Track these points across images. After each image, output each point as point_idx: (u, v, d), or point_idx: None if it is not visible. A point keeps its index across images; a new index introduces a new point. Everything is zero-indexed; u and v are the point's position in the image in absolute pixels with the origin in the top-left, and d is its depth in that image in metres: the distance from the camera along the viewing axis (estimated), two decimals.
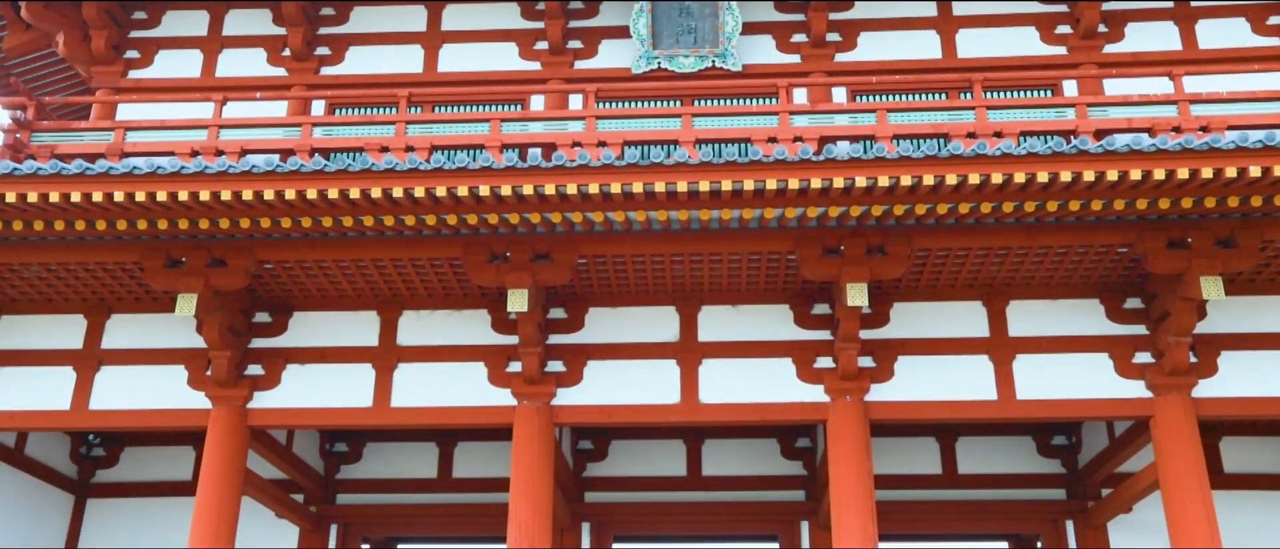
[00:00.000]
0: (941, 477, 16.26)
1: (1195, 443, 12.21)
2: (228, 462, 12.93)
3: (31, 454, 15.57)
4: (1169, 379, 12.49)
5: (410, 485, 16.76)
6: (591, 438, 16.84)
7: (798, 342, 13.17)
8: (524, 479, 12.52)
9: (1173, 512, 12.06)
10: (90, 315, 13.88)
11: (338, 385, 13.32)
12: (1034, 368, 12.86)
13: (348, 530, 16.43)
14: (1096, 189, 10.86)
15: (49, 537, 16.00)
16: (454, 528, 17.01)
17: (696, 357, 13.16)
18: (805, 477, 16.44)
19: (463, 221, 11.57)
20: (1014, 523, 16.47)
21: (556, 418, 12.99)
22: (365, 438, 17.05)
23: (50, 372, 13.61)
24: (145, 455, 16.90)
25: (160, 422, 13.46)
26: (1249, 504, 15.15)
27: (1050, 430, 16.28)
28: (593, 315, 13.51)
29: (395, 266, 12.72)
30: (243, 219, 11.54)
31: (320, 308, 13.68)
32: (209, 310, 12.53)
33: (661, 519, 16.57)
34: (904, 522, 15.86)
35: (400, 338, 13.53)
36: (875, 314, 13.13)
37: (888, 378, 12.90)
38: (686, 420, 13.14)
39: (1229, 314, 12.87)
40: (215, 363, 13.10)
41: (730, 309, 13.42)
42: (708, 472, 16.64)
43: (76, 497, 16.59)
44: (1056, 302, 13.16)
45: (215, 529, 12.58)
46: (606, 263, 12.65)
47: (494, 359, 13.25)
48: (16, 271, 13.02)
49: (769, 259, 12.58)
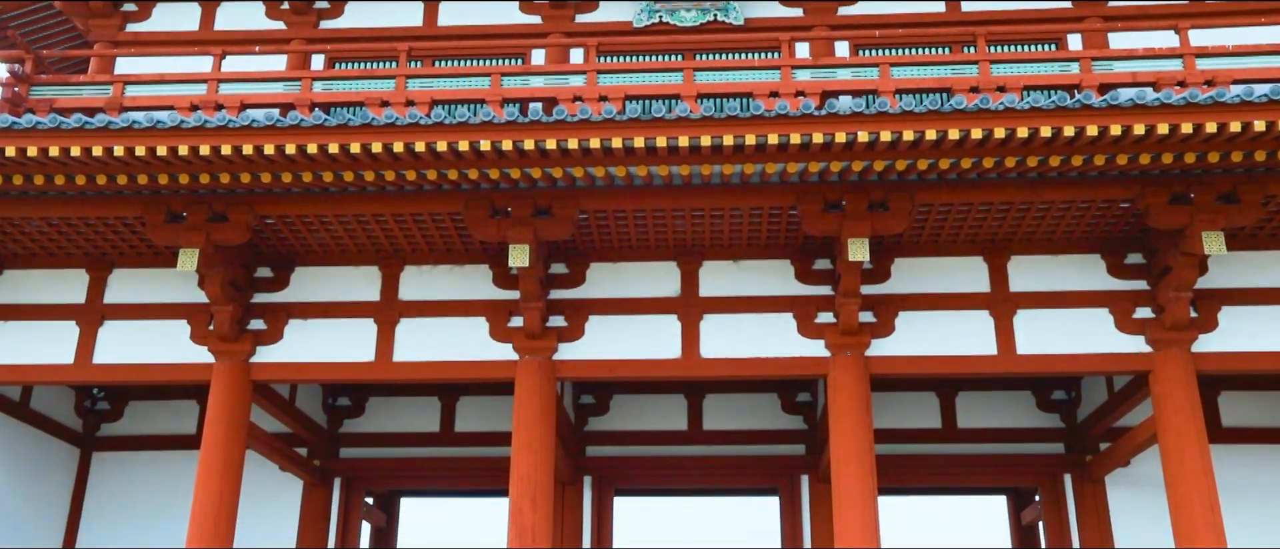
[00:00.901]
0: (941, 431, 16.36)
1: (1194, 398, 12.26)
2: (231, 416, 13.01)
3: (37, 408, 15.68)
4: (1169, 334, 12.52)
5: (413, 439, 16.87)
6: (593, 392, 16.92)
7: (799, 297, 13.19)
8: (526, 433, 12.60)
9: (1170, 465, 12.14)
10: (93, 270, 13.90)
11: (340, 340, 13.36)
12: (1034, 323, 12.89)
13: (351, 484, 16.57)
14: (1100, 144, 10.82)
15: (55, 490, 16.15)
16: (457, 481, 17.17)
17: (697, 311, 13.19)
18: (805, 431, 16.54)
19: (463, 177, 11.54)
20: (1012, 477, 16.60)
21: (558, 372, 13.05)
22: (368, 392, 17.15)
23: (53, 326, 13.66)
24: (149, 409, 17.01)
25: (163, 376, 13.52)
26: (1247, 458, 15.25)
27: (1050, 385, 16.35)
28: (594, 270, 13.52)
29: (396, 222, 12.71)
30: (243, 174, 11.51)
31: (322, 263, 13.70)
32: (211, 265, 12.55)
33: (663, 473, 16.71)
34: (903, 476, 15.99)
35: (402, 293, 13.55)
36: (876, 269, 13.14)
37: (888, 333, 12.93)
38: (687, 375, 13.19)
39: (1230, 269, 12.87)
40: (217, 317, 13.14)
41: (731, 264, 13.43)
42: (709, 426, 16.75)
43: (82, 450, 16.73)
44: (1058, 257, 13.15)
45: (220, 482, 12.68)
46: (608, 218, 12.64)
47: (495, 314, 13.28)
48: (18, 226, 13.03)
49: (770, 214, 12.56)
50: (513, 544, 12.15)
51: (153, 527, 16.16)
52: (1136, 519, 15.11)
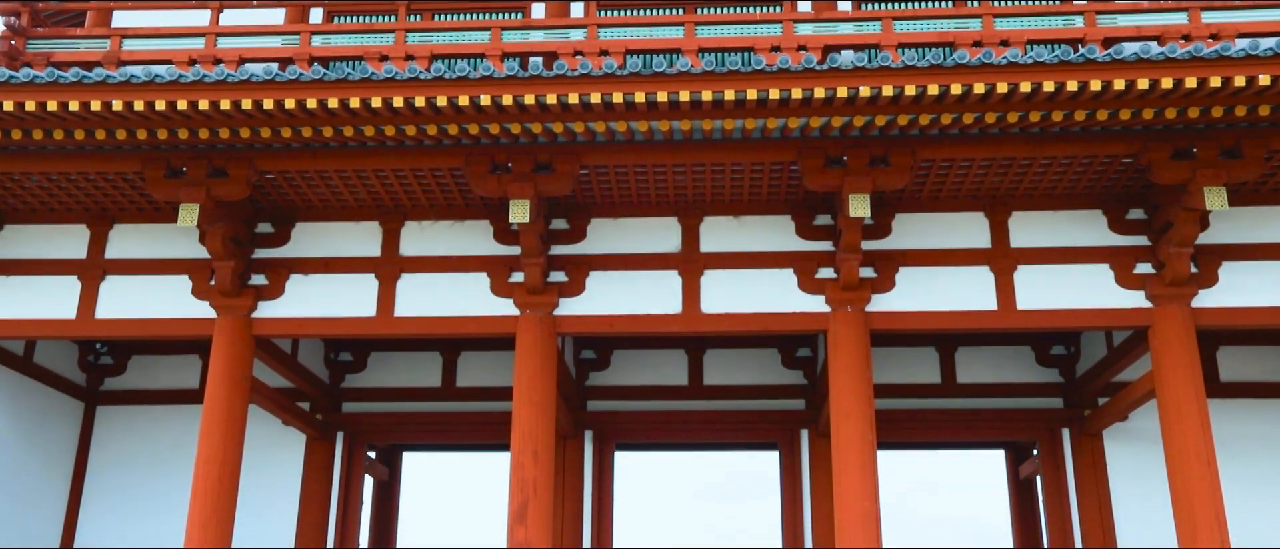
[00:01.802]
0: (940, 386, 16.44)
1: (1193, 352, 12.31)
2: (233, 371, 13.08)
3: (40, 362, 15.75)
4: (1169, 289, 12.53)
5: (415, 394, 16.97)
6: (594, 348, 16.99)
7: (799, 252, 13.19)
8: (527, 388, 12.66)
9: (1168, 420, 12.21)
10: (93, 225, 13.91)
11: (341, 295, 13.39)
12: (1035, 278, 12.90)
13: (354, 438, 16.68)
14: (1103, 98, 10.77)
15: (61, 443, 16.28)
16: (458, 436, 17.29)
17: (698, 267, 13.20)
18: (805, 386, 16.62)
19: (464, 132, 11.50)
20: (1011, 431, 16.71)
21: (559, 328, 13.08)
22: (369, 348, 17.22)
23: (55, 281, 13.69)
24: (153, 364, 17.09)
25: (166, 331, 13.57)
26: (1245, 413, 15.34)
27: (1049, 340, 16.40)
28: (595, 226, 13.51)
29: (396, 177, 12.69)
30: (242, 129, 11.47)
31: (323, 218, 13.69)
32: (211, 220, 12.54)
33: (663, 428, 16.81)
34: (903, 430, 16.08)
35: (403, 248, 13.55)
36: (877, 225, 13.13)
37: (889, 288, 12.95)
38: (688, 331, 13.23)
39: (1231, 224, 12.86)
40: (219, 273, 13.16)
41: (732, 220, 13.42)
42: (709, 381, 16.83)
43: (86, 404, 16.84)
44: (1059, 212, 13.14)
45: (223, 436, 12.78)
46: (608, 173, 12.61)
47: (496, 269, 13.29)
48: (18, 181, 13.01)
49: (771, 169, 12.53)
50: (515, 497, 12.26)
51: (157, 480, 16.30)
52: (1133, 473, 15.23)
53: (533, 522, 12.13)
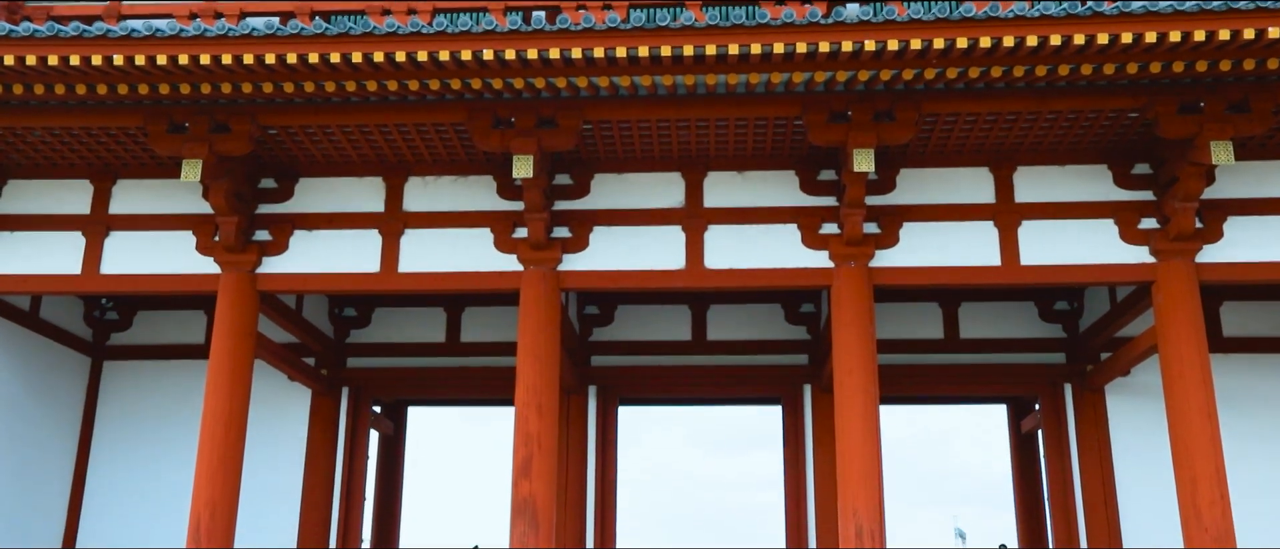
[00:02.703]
0: (943, 341, 16.49)
1: (1196, 307, 12.32)
2: (238, 326, 13.13)
3: (46, 317, 15.83)
4: (1173, 245, 12.52)
5: (419, 349, 17.04)
6: (597, 303, 17.03)
7: (803, 208, 13.17)
8: (531, 343, 12.71)
9: (1170, 375, 12.25)
10: (96, 180, 13.90)
11: (345, 251, 13.41)
12: (1039, 234, 12.88)
13: (359, 393, 16.78)
14: (1110, 52, 10.69)
15: (68, 398, 16.39)
16: (463, 391, 17.39)
17: (702, 222, 13.19)
18: (809, 341, 16.67)
19: (466, 86, 11.45)
20: (1013, 386, 16.78)
21: (562, 283, 13.11)
22: (374, 303, 17.27)
23: (59, 236, 13.72)
24: (158, 319, 17.17)
25: (170, 286, 13.61)
26: (1247, 367, 15.38)
27: (1052, 295, 16.42)
28: (598, 181, 13.48)
29: (399, 132, 12.65)
30: (244, 84, 11.43)
31: (326, 174, 13.67)
32: (214, 176, 12.53)
33: (667, 383, 16.89)
34: (905, 385, 16.15)
35: (406, 204, 13.55)
36: (881, 180, 13.09)
37: (892, 244, 12.94)
38: (692, 286, 13.25)
39: (1237, 179, 12.82)
40: (222, 228, 13.18)
41: (736, 175, 13.38)
42: (712, 336, 16.89)
43: (93, 359, 16.93)
44: (1064, 168, 13.10)
45: (229, 391, 12.86)
46: (612, 128, 12.57)
47: (500, 225, 13.29)
48: (20, 136, 12.99)
49: (775, 125, 12.48)
50: (519, 452, 12.35)
51: (165, 434, 16.43)
52: (1135, 428, 15.31)
53: (537, 476, 12.24)
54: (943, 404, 18.88)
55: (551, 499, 12.34)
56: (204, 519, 12.35)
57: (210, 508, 12.39)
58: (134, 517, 16.03)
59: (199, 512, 12.39)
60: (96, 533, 16.03)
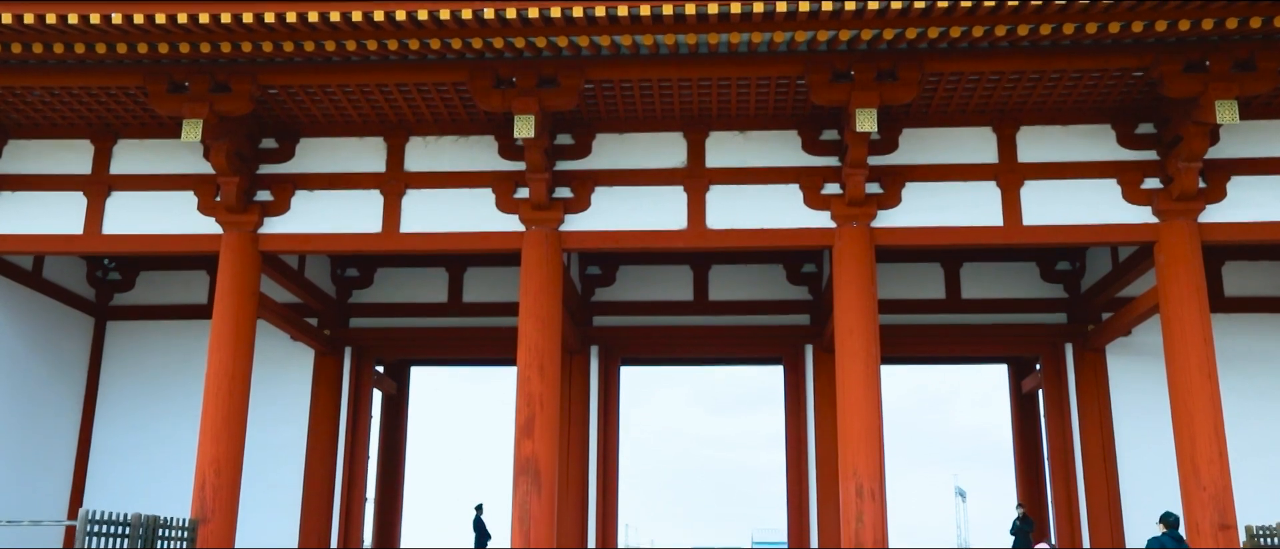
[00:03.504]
0: (945, 302, 16.51)
1: (1197, 267, 12.32)
2: (240, 286, 13.16)
3: (50, 277, 15.86)
4: (1176, 204, 12.50)
5: (421, 310, 17.08)
6: (599, 264, 17.04)
7: (805, 168, 13.14)
8: (533, 304, 12.74)
9: (1171, 334, 12.27)
10: (97, 140, 13.87)
11: (346, 211, 13.40)
12: (1042, 194, 12.86)
13: (362, 353, 16.85)
14: (1115, 10, 10.60)
15: (73, 357, 16.47)
16: (466, 351, 17.46)
17: (704, 183, 13.16)
18: (810, 301, 16.69)
19: (467, 46, 11.38)
20: (1014, 346, 16.83)
21: (564, 243, 13.11)
22: (376, 263, 17.29)
23: (61, 196, 13.71)
24: (161, 279, 17.20)
25: (172, 246, 13.63)
26: (1248, 327, 15.41)
27: (1054, 256, 16.42)
28: (600, 142, 13.44)
29: (400, 92, 12.60)
30: (243, 43, 11.36)
31: (327, 134, 13.63)
32: (215, 136, 12.50)
33: (668, 343, 16.95)
34: (906, 345, 16.20)
35: (408, 164, 13.52)
36: (884, 140, 13.05)
37: (895, 204, 12.92)
38: (694, 246, 13.25)
39: (1241, 139, 12.76)
40: (224, 188, 13.16)
41: (738, 135, 13.34)
42: (714, 296, 16.91)
43: (97, 319, 16.99)
44: (1067, 127, 13.04)
45: (232, 350, 12.91)
46: (614, 88, 12.51)
47: (502, 185, 13.27)
48: (20, 95, 12.94)
49: (778, 84, 12.41)
50: (521, 411, 12.42)
51: (169, 392, 16.53)
52: (1135, 387, 15.36)
53: (540, 435, 12.32)
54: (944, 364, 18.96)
55: (554, 458, 12.43)
56: (209, 476, 12.45)
57: (215, 465, 12.49)
58: (140, 473, 16.16)
59: (204, 469, 12.48)
60: (102, 489, 16.17)
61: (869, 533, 11.72)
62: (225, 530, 12.43)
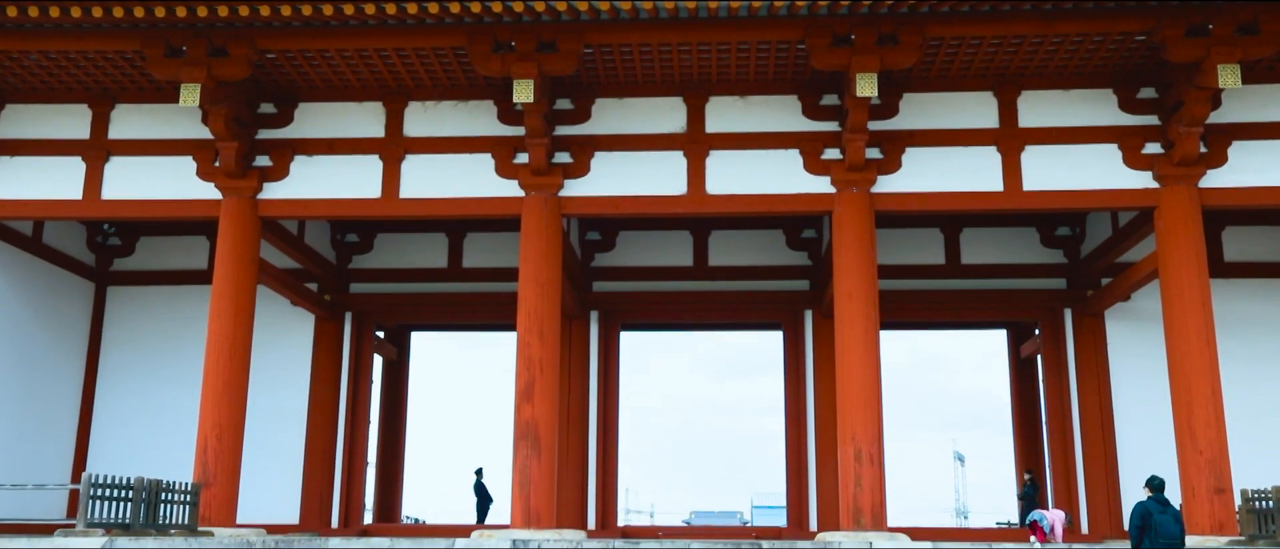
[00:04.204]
0: (944, 267, 16.51)
1: (1197, 232, 12.32)
2: (240, 251, 13.16)
3: (50, 243, 15.87)
4: (1177, 169, 12.47)
5: (421, 275, 17.09)
6: (599, 229, 17.03)
7: (805, 133, 13.11)
8: (532, 269, 12.75)
9: (1170, 299, 12.29)
10: (94, 105, 13.82)
11: (346, 176, 13.38)
12: (1042, 159, 12.83)
13: (362, 318, 16.88)
14: None
15: (74, 322, 16.50)
16: (466, 316, 17.49)
17: (704, 148, 13.13)
18: (810, 267, 16.70)
19: (465, 10, 11.31)
20: (1014, 312, 16.86)
21: (563, 209, 13.10)
22: (375, 229, 17.27)
23: (60, 161, 13.68)
24: (160, 245, 17.20)
25: (172, 212, 13.62)
26: (1247, 292, 15.42)
27: (1054, 221, 16.40)
28: (600, 107, 13.39)
29: (399, 56, 12.54)
30: (241, 7, 11.29)
31: (326, 99, 13.58)
32: (213, 101, 12.46)
33: (668, 308, 16.97)
34: (906, 311, 16.22)
35: (407, 129, 13.49)
36: (884, 105, 12.99)
37: (895, 169, 12.90)
38: (693, 211, 13.25)
39: (1243, 103, 12.71)
40: (223, 154, 13.13)
41: (738, 100, 13.29)
42: (714, 262, 16.91)
43: (97, 284, 17.01)
44: (1069, 92, 12.99)
45: (233, 315, 12.94)
46: (613, 53, 12.45)
47: (501, 150, 13.24)
48: (16, 60, 12.88)
49: (778, 49, 12.35)
50: (521, 376, 12.46)
51: (171, 357, 16.57)
52: (1133, 352, 15.40)
53: (540, 400, 12.36)
54: (943, 329, 18.98)
55: (554, 423, 12.49)
56: (211, 441, 12.52)
57: (217, 430, 12.55)
58: (142, 438, 16.23)
59: (206, 434, 12.55)
60: (105, 453, 16.25)
61: (867, 497, 11.80)
62: (228, 494, 12.52)
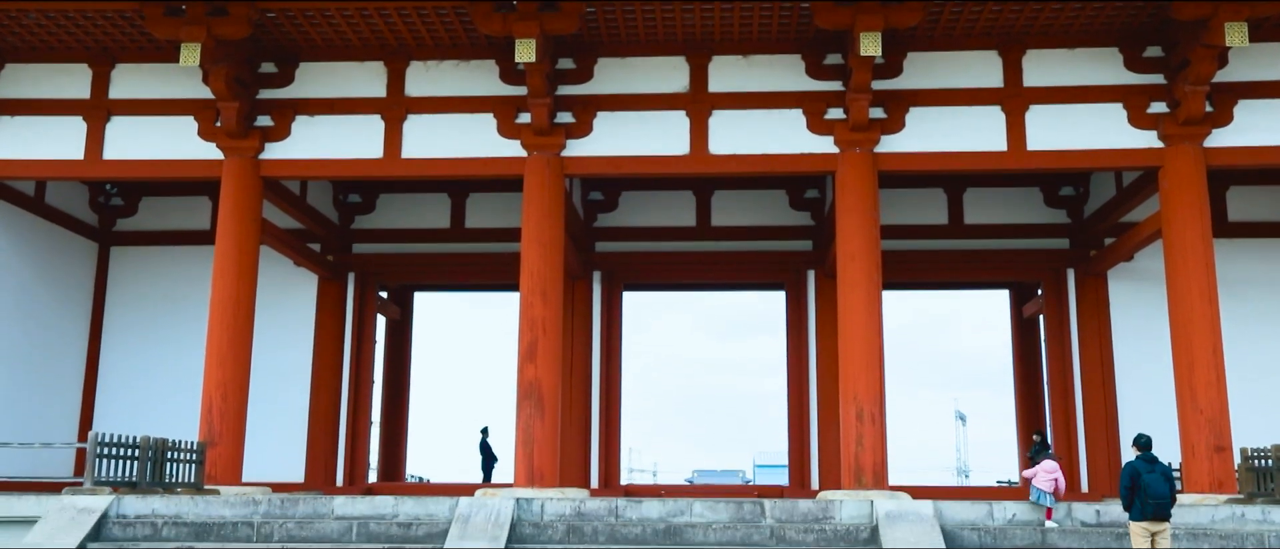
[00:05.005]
0: (947, 227, 16.49)
1: (1202, 192, 12.29)
2: (243, 211, 13.16)
3: (52, 203, 15.86)
4: (1182, 129, 12.41)
5: (424, 235, 17.09)
6: (602, 189, 17.00)
7: (809, 92, 13.04)
8: (535, 229, 12.75)
9: (1173, 259, 12.29)
10: (94, 65, 13.76)
11: (347, 136, 13.35)
12: (1047, 118, 12.77)
13: (365, 279, 16.90)
14: None
15: (78, 283, 16.54)
16: (469, 276, 17.51)
17: (706, 107, 13.07)
18: (813, 227, 16.69)
19: None
20: (1016, 272, 16.85)
21: (566, 169, 13.07)
22: (378, 189, 17.26)
23: (60, 121, 13.65)
24: (163, 205, 17.20)
25: (173, 172, 13.61)
26: (1251, 252, 15.42)
27: (1058, 181, 16.35)
28: (602, 66, 13.32)
29: (400, 15, 12.46)
30: None
31: (326, 59, 13.51)
32: (213, 60, 12.40)
33: (671, 268, 16.98)
34: (909, 271, 16.22)
35: (408, 89, 13.43)
36: (888, 64, 12.91)
37: (898, 129, 12.84)
38: (696, 171, 13.21)
39: (1250, 62, 12.62)
40: (224, 113, 13.10)
41: (741, 59, 13.21)
42: (717, 222, 16.90)
43: (100, 245, 17.03)
44: (1074, 51, 12.90)
45: (236, 276, 12.96)
46: (615, 11, 12.36)
47: (503, 110, 13.19)
48: (15, 18, 12.81)
49: (781, 7, 12.26)
50: (524, 337, 12.50)
51: (175, 317, 16.61)
52: (1135, 312, 15.43)
53: (543, 360, 12.41)
54: (946, 290, 18.98)
55: (557, 383, 12.54)
56: (216, 400, 12.59)
57: (222, 389, 12.62)
58: (147, 398, 16.32)
59: (211, 393, 12.62)
60: (111, 412, 16.34)
61: (869, 456, 11.87)
62: (233, 453, 12.62)
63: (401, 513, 10.91)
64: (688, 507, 10.81)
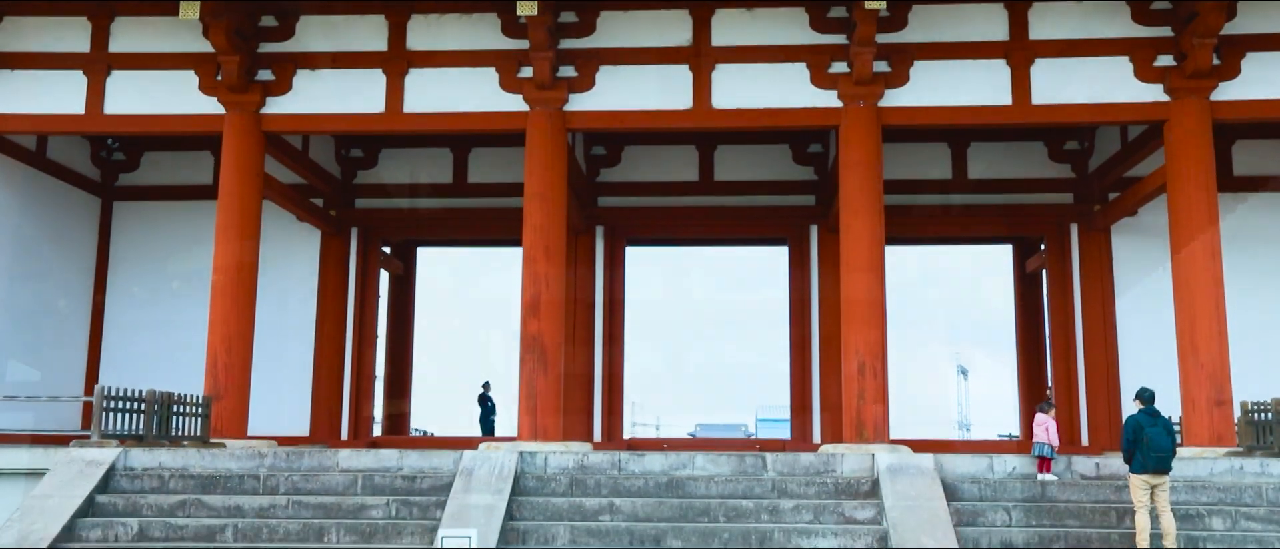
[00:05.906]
0: (951, 182, 16.44)
1: (1207, 146, 12.24)
2: (245, 166, 13.14)
3: (54, 157, 15.83)
4: (1189, 82, 12.33)
5: (426, 190, 17.06)
6: (604, 144, 16.94)
7: (812, 46, 12.94)
8: (537, 184, 12.72)
9: (1177, 214, 12.27)
10: (93, 18, 13.66)
11: (349, 90, 13.29)
12: (1052, 72, 12.68)
13: (368, 233, 16.91)
14: None
15: (81, 237, 16.56)
16: (471, 231, 17.51)
17: (709, 61, 12.99)
18: (816, 182, 16.64)
19: None
20: (1020, 227, 16.83)
21: (568, 123, 13.02)
22: (380, 144, 17.19)
23: (61, 75, 13.58)
24: (165, 159, 17.16)
25: (175, 126, 13.57)
26: (1255, 206, 15.36)
27: (1063, 135, 16.27)
28: (604, 19, 13.21)
29: None
30: None
31: (327, 12, 13.41)
32: (214, 14, 12.32)
33: (674, 223, 16.97)
34: (912, 226, 16.18)
35: (410, 42, 13.34)
36: (892, 17, 12.79)
37: (902, 83, 12.76)
38: (698, 125, 13.16)
39: (1259, 14, 12.49)
40: (225, 67, 13.03)
41: (744, 12, 13.10)
42: (720, 177, 16.85)
43: (103, 199, 17.02)
44: (1081, 3, 12.78)
45: (239, 230, 12.97)
46: None
47: (505, 64, 13.11)
48: None
49: None
50: (527, 291, 12.53)
51: (178, 271, 16.63)
52: (1138, 267, 15.42)
53: (545, 314, 12.44)
54: (949, 244, 18.97)
55: (560, 337, 12.58)
56: (221, 355, 12.65)
57: (226, 343, 12.68)
58: (153, 352, 16.36)
59: (215, 347, 12.68)
60: (116, 366, 16.41)
61: (870, 410, 11.94)
62: (238, 407, 12.71)
63: (406, 466, 11.01)
64: (690, 460, 10.89)
